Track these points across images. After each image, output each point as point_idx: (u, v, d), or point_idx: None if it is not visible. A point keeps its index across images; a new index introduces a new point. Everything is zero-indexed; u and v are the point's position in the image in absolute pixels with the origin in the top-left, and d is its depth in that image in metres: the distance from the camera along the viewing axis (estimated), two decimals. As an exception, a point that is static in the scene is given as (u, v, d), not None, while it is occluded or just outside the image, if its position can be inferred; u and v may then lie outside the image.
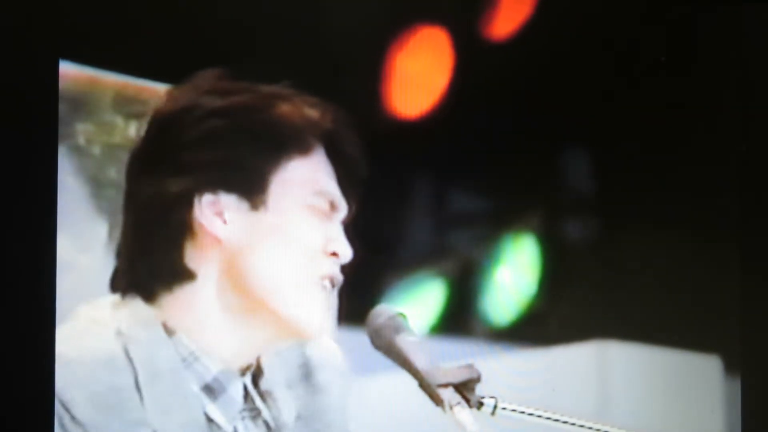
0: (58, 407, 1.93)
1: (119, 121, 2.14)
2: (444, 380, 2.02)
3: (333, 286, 2.05)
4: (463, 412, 2.00)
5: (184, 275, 2.01)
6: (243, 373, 2.04)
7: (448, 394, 2.02)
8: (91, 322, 1.99)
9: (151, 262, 2.01)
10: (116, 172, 2.12)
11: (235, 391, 2.02)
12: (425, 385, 2.03)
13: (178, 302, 2.02)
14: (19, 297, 2.07)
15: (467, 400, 2.02)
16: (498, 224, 2.46)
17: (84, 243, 2.09)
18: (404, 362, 2.05)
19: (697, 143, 2.53)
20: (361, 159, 2.07)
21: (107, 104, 2.14)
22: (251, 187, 2.00)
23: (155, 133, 2.02)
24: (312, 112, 2.04)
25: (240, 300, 2.01)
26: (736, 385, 2.51)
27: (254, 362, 2.05)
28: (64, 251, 2.08)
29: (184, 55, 2.18)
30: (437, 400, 2.02)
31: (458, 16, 2.39)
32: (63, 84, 2.11)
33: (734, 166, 2.53)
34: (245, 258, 2.00)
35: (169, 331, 2.01)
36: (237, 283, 2.01)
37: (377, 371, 2.13)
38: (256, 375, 2.06)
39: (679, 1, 2.50)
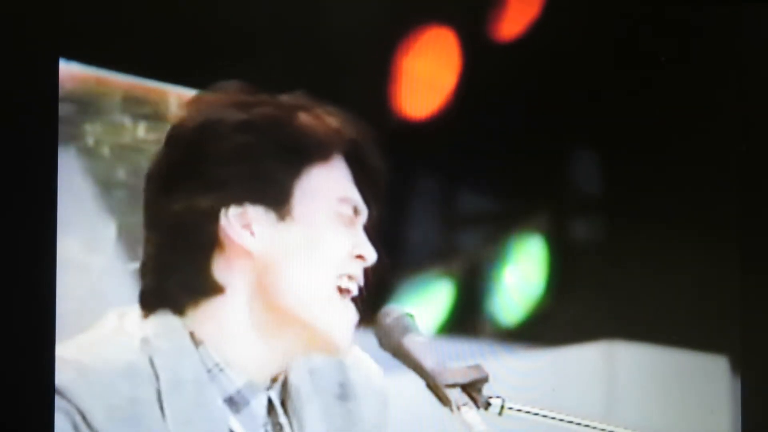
0: (75, 416, 1.92)
1: (127, 122, 2.14)
2: (452, 380, 2.02)
3: (358, 285, 2.05)
4: (471, 413, 2.00)
5: (213, 289, 2.00)
6: (269, 386, 2.04)
7: (456, 395, 2.02)
8: (116, 332, 1.99)
9: (179, 277, 2.00)
10: (125, 173, 2.13)
11: (258, 405, 2.01)
12: (433, 386, 2.03)
13: (206, 314, 2.01)
14: (19, 297, 2.06)
15: (475, 401, 2.02)
16: (505, 225, 2.46)
17: (93, 244, 2.09)
18: (412, 363, 2.05)
19: (697, 143, 2.54)
20: (382, 167, 2.07)
21: (115, 105, 2.14)
22: (276, 198, 2.00)
23: (178, 147, 2.01)
24: (333, 122, 2.04)
25: (269, 313, 2.00)
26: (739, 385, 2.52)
27: (281, 375, 2.05)
28: (73, 252, 2.08)
29: (188, 54, 2.18)
30: (445, 401, 2.02)
31: (466, 17, 2.39)
32: (71, 85, 2.11)
33: (734, 166, 2.54)
34: (276, 269, 2.00)
35: (195, 341, 2.00)
36: (267, 295, 2.00)
37: (385, 371, 2.13)
38: (283, 389, 2.05)
39: (679, 1, 2.50)
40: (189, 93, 2.17)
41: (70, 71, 2.10)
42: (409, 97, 2.36)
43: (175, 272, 2.00)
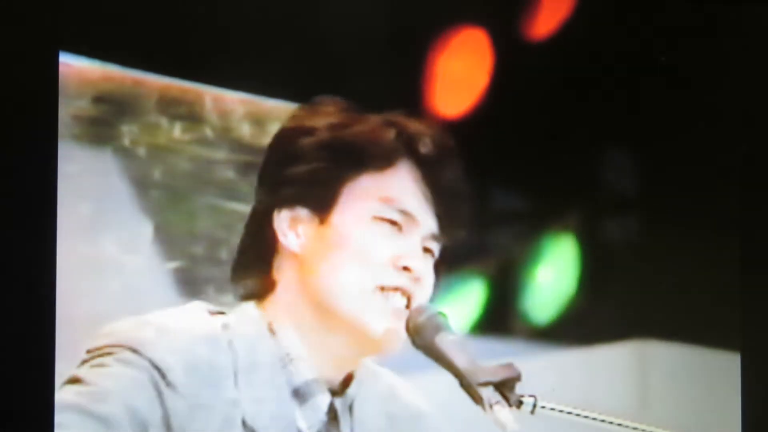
0: (152, 371, 1.95)
1: (164, 122, 2.15)
2: (484, 379, 2.02)
3: (407, 300, 2.06)
4: (503, 411, 2.00)
5: (271, 287, 2.07)
6: (338, 390, 2.07)
7: (488, 393, 2.01)
8: (199, 313, 2.04)
9: (252, 274, 2.07)
10: (160, 173, 2.14)
11: (321, 402, 2.05)
12: (465, 384, 2.03)
13: (274, 308, 2.07)
14: (18, 297, 2.06)
15: (507, 399, 2.01)
16: (538, 224, 2.47)
17: (130, 244, 2.11)
18: (444, 361, 2.05)
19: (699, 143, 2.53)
20: (459, 187, 2.08)
21: (151, 106, 2.14)
22: (323, 200, 2.05)
23: (266, 153, 2.10)
24: (389, 133, 2.05)
25: (314, 310, 2.05)
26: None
27: (350, 386, 2.08)
28: (110, 252, 2.10)
29: (194, 47, 2.18)
30: (477, 399, 2.02)
31: (497, 18, 2.40)
32: (107, 86, 2.12)
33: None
34: (314, 268, 2.05)
35: (272, 331, 2.05)
36: (309, 292, 2.05)
37: (418, 370, 2.14)
38: (351, 411, 2.08)
39: (681, 1, 2.50)
40: (223, 94, 2.19)
41: (107, 72, 2.11)
42: (442, 97, 2.36)
43: (249, 269, 2.08)
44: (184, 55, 2.17)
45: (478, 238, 2.45)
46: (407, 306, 2.06)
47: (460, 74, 2.38)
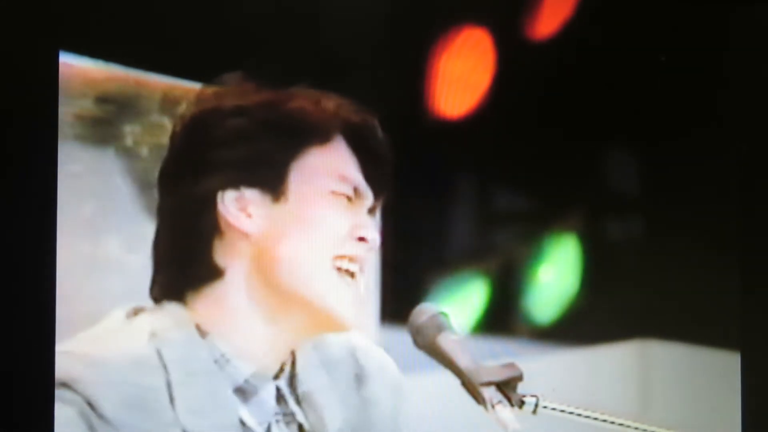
0: (82, 405, 1.93)
1: (167, 122, 2.15)
2: (486, 379, 2.03)
3: (361, 269, 2.06)
4: (505, 411, 2.01)
5: (214, 273, 2.03)
6: (277, 375, 2.05)
7: (490, 393, 2.03)
8: (122, 326, 2.01)
9: (182, 266, 2.03)
10: (163, 173, 2.14)
11: (267, 394, 2.03)
12: (467, 384, 2.04)
13: (209, 303, 2.03)
14: (18, 297, 2.06)
15: (509, 399, 2.03)
16: (540, 223, 2.47)
17: (133, 243, 2.11)
18: (446, 361, 2.06)
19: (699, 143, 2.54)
20: (388, 154, 2.10)
21: (155, 106, 2.15)
22: (271, 179, 2.03)
23: (181, 138, 2.06)
24: (331, 105, 2.06)
25: (268, 293, 2.02)
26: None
27: (287, 361, 2.06)
28: (112, 252, 2.10)
29: (197, 47, 2.18)
30: (479, 399, 2.04)
31: (499, 17, 2.40)
32: (110, 86, 2.12)
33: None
34: (272, 248, 2.03)
35: (202, 333, 2.02)
36: (265, 274, 2.03)
37: (420, 370, 2.14)
38: (292, 378, 2.07)
39: (682, 1, 2.50)
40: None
41: (109, 72, 2.12)
42: (444, 97, 2.37)
43: (178, 261, 2.03)
44: (188, 55, 2.17)
45: (480, 238, 2.46)
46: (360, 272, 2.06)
47: (462, 74, 2.38)
